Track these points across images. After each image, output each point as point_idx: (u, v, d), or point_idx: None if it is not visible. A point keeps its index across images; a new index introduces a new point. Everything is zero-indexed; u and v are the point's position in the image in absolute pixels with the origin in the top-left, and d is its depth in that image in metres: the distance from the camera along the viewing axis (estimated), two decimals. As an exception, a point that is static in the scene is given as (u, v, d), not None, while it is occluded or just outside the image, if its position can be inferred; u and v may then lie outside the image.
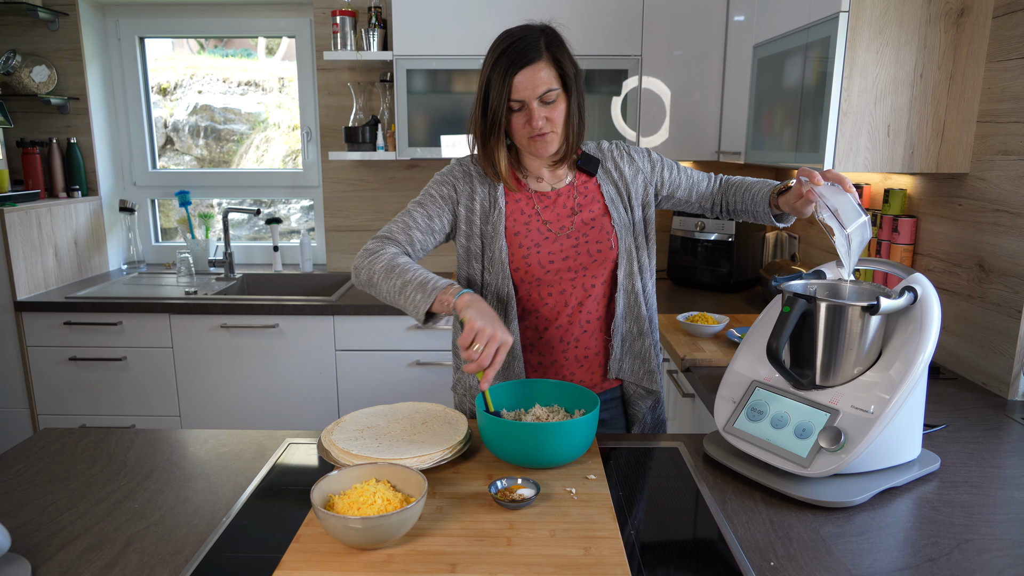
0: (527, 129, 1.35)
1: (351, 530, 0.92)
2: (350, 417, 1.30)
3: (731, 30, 2.69)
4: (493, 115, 1.34)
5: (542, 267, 1.42)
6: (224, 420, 2.79)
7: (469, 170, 1.47)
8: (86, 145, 3.16)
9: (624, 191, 1.48)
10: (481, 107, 1.36)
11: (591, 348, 1.48)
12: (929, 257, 1.90)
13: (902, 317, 1.15)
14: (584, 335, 1.47)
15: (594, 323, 1.47)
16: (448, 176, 1.46)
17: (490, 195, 1.44)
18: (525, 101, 1.32)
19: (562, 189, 1.46)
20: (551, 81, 1.32)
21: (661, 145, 2.82)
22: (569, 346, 1.47)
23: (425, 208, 1.44)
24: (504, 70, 1.31)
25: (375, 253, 1.37)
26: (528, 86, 1.31)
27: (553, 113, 1.34)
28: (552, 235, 1.43)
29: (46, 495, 1.14)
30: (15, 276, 2.66)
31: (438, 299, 1.25)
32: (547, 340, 1.47)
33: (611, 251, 1.44)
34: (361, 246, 3.28)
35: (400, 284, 1.29)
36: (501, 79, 1.31)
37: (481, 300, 1.24)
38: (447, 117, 2.78)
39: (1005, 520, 1.07)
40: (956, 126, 1.75)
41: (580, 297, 1.45)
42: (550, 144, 1.37)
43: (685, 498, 1.14)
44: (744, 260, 2.86)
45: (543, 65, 1.31)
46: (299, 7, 3.18)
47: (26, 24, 3.03)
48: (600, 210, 1.45)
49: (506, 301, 1.43)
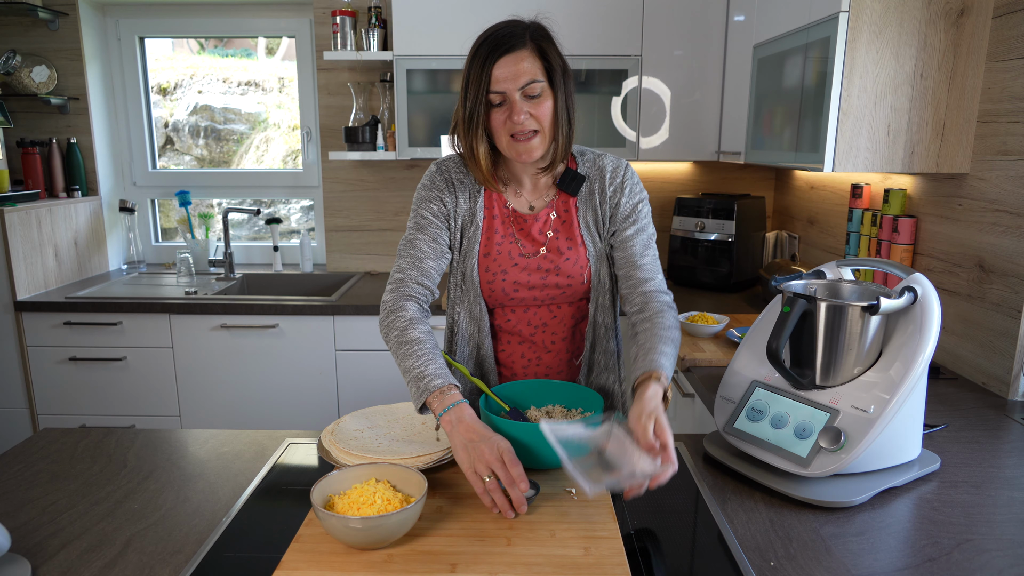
0: (508, 126, 1.24)
1: (351, 530, 0.92)
2: (350, 417, 1.30)
3: (731, 30, 2.69)
4: (471, 110, 1.24)
5: (506, 294, 1.38)
6: (224, 420, 2.79)
7: (450, 177, 1.37)
8: (86, 145, 3.16)
9: (602, 218, 1.38)
10: (462, 103, 1.26)
11: (553, 368, 1.45)
12: (929, 257, 1.90)
13: (902, 317, 1.15)
14: (547, 354, 1.44)
15: (559, 344, 1.43)
16: (432, 191, 1.37)
17: (470, 209, 1.37)
18: (506, 93, 1.22)
19: (540, 212, 1.38)
20: (535, 72, 1.22)
21: (661, 145, 2.82)
22: (531, 363, 1.45)
23: (425, 232, 1.35)
24: (483, 59, 1.22)
25: (392, 315, 1.29)
26: (509, 76, 1.21)
27: (538, 110, 1.23)
28: (522, 261, 1.36)
29: (46, 495, 1.14)
30: (15, 276, 2.66)
31: (427, 403, 1.16)
32: (509, 353, 1.45)
33: (582, 285, 1.38)
34: (361, 246, 3.29)
35: (403, 369, 1.22)
36: (480, 68, 1.22)
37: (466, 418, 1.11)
38: (447, 117, 2.77)
39: (1005, 520, 1.07)
40: (956, 126, 1.75)
41: (545, 318, 1.42)
42: (535, 148, 1.26)
43: (685, 498, 1.14)
44: (744, 260, 2.86)
45: (526, 54, 1.22)
46: (299, 7, 3.18)
47: (26, 24, 3.03)
48: (575, 237, 1.37)
49: (479, 317, 1.40)
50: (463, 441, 1.08)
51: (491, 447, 1.05)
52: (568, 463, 0.92)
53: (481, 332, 1.41)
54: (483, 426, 1.10)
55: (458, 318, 1.43)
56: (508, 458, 1.04)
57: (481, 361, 1.43)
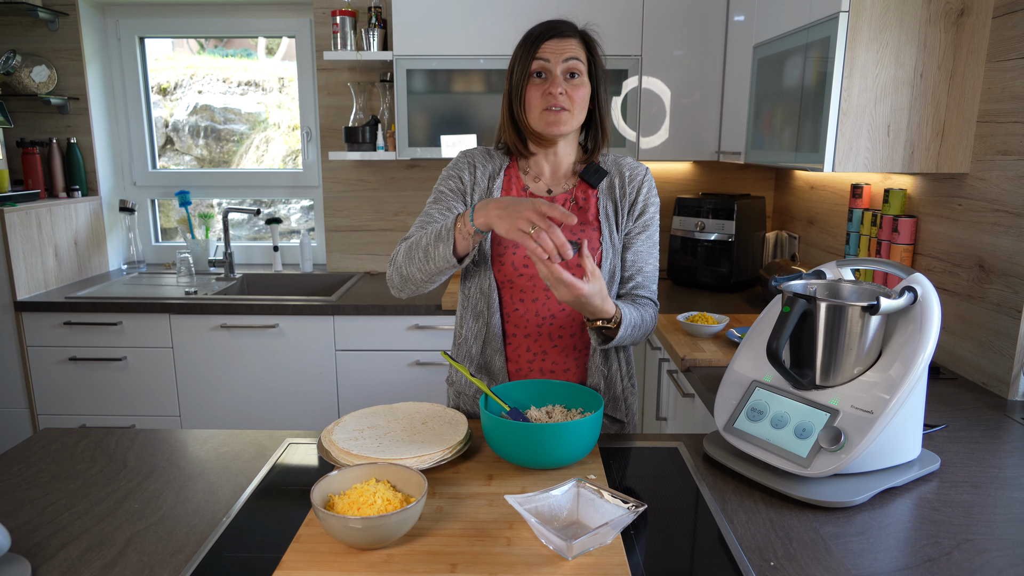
0: (543, 100, 1.32)
1: (351, 530, 0.92)
2: (350, 417, 1.30)
3: (731, 30, 2.69)
4: (516, 84, 1.33)
5: (515, 269, 1.39)
6: (224, 420, 2.79)
7: (473, 160, 1.46)
8: (86, 145, 3.16)
9: (621, 213, 1.43)
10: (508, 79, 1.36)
11: (559, 364, 1.45)
12: (929, 257, 1.90)
13: (902, 317, 1.15)
14: (553, 349, 1.44)
15: (566, 339, 1.44)
16: (454, 169, 1.46)
17: (488, 187, 1.44)
18: (549, 67, 1.31)
19: (558, 196, 1.43)
20: (579, 53, 1.32)
21: (661, 145, 2.82)
22: (536, 356, 1.44)
23: (440, 203, 1.44)
24: (534, 38, 1.31)
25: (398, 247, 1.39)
26: (555, 50, 1.31)
27: (575, 92, 1.32)
28: None
29: (46, 495, 1.14)
30: (15, 276, 2.66)
31: (457, 236, 1.24)
32: (515, 346, 1.45)
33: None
34: (361, 246, 3.29)
35: (423, 255, 1.29)
36: (529, 45, 1.31)
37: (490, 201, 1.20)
38: (447, 117, 2.78)
39: (1005, 520, 1.07)
40: (956, 126, 1.75)
41: (553, 310, 1.42)
42: (563, 122, 1.33)
43: (685, 498, 1.14)
44: (744, 260, 2.86)
45: (574, 43, 1.32)
46: (299, 7, 3.18)
47: (26, 24, 3.03)
48: (592, 223, 1.41)
49: (488, 293, 1.42)
50: (497, 212, 1.16)
51: (525, 205, 1.13)
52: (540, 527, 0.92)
53: (490, 309, 1.42)
54: (509, 197, 1.19)
55: (469, 292, 1.46)
56: (544, 207, 1.11)
57: (490, 339, 1.44)
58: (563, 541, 0.89)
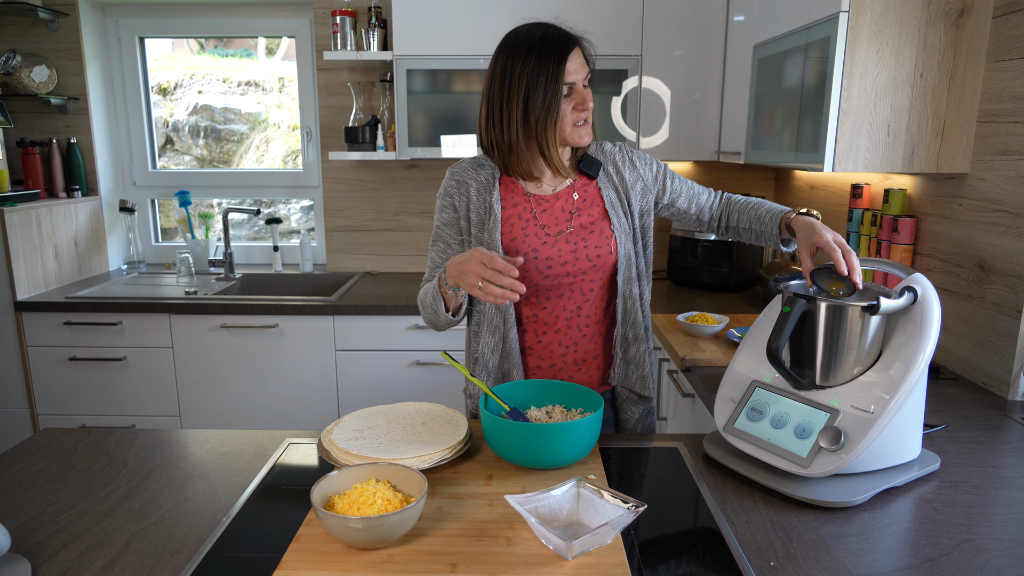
0: (575, 115, 1.35)
1: (351, 530, 0.92)
2: (350, 417, 1.30)
3: (731, 30, 2.69)
4: (550, 101, 1.32)
5: (540, 272, 1.41)
6: (224, 420, 2.79)
7: (463, 178, 1.45)
8: (86, 145, 3.16)
9: (624, 196, 1.46)
10: (523, 103, 1.32)
11: (589, 352, 1.48)
12: (929, 257, 1.90)
13: (902, 317, 1.15)
14: (583, 339, 1.46)
15: (593, 327, 1.47)
16: (445, 197, 1.47)
17: (484, 203, 1.43)
18: (575, 84, 1.34)
19: (561, 192, 1.45)
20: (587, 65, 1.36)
21: (661, 145, 2.82)
22: (568, 350, 1.46)
23: (438, 243, 1.48)
24: (557, 56, 1.32)
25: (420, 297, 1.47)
26: (578, 68, 1.34)
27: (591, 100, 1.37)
28: (550, 239, 1.41)
29: (46, 495, 1.14)
30: (15, 276, 2.66)
31: (444, 296, 1.35)
32: (545, 344, 1.46)
33: (610, 256, 1.42)
34: (361, 246, 3.30)
35: (431, 312, 1.40)
36: (554, 64, 1.31)
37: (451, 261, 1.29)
38: (447, 117, 2.78)
39: (1005, 520, 1.07)
40: (956, 126, 1.75)
41: (579, 301, 1.44)
42: (590, 132, 1.39)
43: (685, 498, 1.14)
44: (744, 260, 2.86)
45: (580, 52, 1.35)
46: (299, 7, 3.18)
47: (26, 24, 3.03)
48: (599, 214, 1.44)
49: (504, 308, 1.42)
50: (453, 277, 1.28)
51: (468, 260, 1.22)
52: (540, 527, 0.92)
53: (507, 324, 1.43)
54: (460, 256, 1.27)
55: (484, 309, 1.46)
56: (485, 259, 1.20)
57: (507, 353, 1.45)
58: (563, 541, 0.89)
